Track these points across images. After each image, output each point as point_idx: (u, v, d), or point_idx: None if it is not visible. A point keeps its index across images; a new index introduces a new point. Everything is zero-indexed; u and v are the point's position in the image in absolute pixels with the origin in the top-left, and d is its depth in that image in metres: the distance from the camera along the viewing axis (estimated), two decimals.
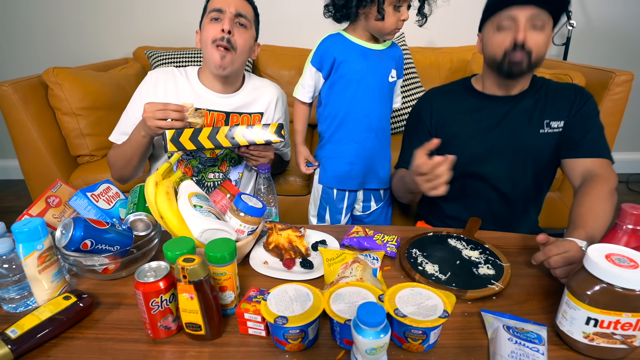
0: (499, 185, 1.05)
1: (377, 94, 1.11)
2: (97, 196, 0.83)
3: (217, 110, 1.12)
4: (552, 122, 1.00)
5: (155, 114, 0.93)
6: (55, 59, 2.33)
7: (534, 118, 1.00)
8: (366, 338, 0.48)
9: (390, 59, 1.12)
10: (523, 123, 1.01)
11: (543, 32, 0.91)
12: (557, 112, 1.00)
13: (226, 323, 0.64)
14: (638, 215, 0.63)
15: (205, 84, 1.13)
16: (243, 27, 1.05)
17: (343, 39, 1.09)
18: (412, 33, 2.14)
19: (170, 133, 0.93)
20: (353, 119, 1.13)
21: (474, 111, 1.05)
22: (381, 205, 1.27)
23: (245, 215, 0.76)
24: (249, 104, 1.16)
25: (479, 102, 1.05)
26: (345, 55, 1.07)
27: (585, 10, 2.28)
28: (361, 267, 0.68)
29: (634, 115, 2.41)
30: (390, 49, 1.13)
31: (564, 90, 1.02)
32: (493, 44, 0.95)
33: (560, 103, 1.00)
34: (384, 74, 1.11)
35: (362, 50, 1.08)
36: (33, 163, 1.58)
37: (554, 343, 0.59)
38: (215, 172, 1.16)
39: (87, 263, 0.70)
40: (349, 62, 1.07)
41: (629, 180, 2.49)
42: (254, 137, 0.96)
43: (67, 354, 0.59)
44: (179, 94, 1.11)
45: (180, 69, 1.16)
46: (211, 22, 1.03)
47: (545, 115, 1.00)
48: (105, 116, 1.66)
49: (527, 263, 0.79)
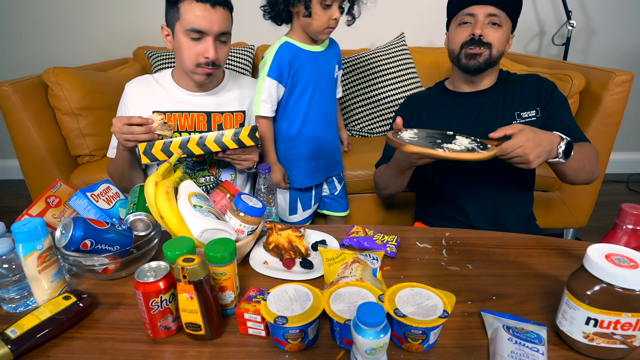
0: (484, 180, 1.07)
1: (328, 91, 1.21)
2: (97, 196, 0.83)
3: (198, 111, 1.11)
4: (523, 113, 1.04)
5: (122, 129, 0.95)
6: (55, 59, 2.33)
7: (506, 111, 1.04)
8: (366, 338, 0.48)
9: (333, 56, 1.20)
10: (496, 117, 1.04)
11: (501, 29, 0.99)
12: (525, 103, 1.04)
13: (226, 323, 0.64)
14: (638, 215, 0.63)
15: (182, 85, 1.11)
16: (224, 43, 1.03)
17: (293, 46, 1.14)
18: (412, 33, 2.14)
19: (142, 146, 0.94)
20: (313, 119, 1.20)
21: (450, 110, 1.09)
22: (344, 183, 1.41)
23: (245, 215, 0.76)
24: (229, 101, 1.15)
25: (452, 100, 1.10)
26: (298, 63, 1.13)
27: (585, 10, 2.28)
28: (361, 267, 0.68)
29: (634, 115, 2.41)
30: (330, 48, 1.21)
31: (527, 81, 1.07)
32: (454, 37, 1.03)
33: (526, 92, 1.05)
34: (331, 72, 1.20)
35: (312, 55, 1.16)
36: (33, 163, 1.58)
37: (553, 343, 0.59)
38: (205, 176, 1.16)
39: (87, 263, 0.70)
40: (303, 69, 1.14)
41: (629, 180, 2.49)
42: (226, 142, 0.97)
43: (67, 354, 0.59)
44: (156, 101, 1.10)
45: (155, 75, 1.15)
46: (191, 40, 0.98)
47: (515, 107, 1.04)
48: (105, 116, 1.66)
49: (527, 263, 0.79)
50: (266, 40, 2.19)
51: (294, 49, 1.14)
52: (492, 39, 0.98)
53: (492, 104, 1.06)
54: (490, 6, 0.97)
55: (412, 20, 2.30)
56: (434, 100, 1.14)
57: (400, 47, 1.94)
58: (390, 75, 1.87)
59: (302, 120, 1.19)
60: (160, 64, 1.96)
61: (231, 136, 0.98)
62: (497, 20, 0.98)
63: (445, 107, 1.11)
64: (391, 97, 1.86)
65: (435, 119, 1.10)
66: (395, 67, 1.89)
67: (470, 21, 1.00)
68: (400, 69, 1.89)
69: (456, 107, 1.09)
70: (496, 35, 0.98)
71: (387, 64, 1.89)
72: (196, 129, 1.12)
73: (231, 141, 0.98)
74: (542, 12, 2.29)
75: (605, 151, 1.53)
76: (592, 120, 1.49)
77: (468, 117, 1.07)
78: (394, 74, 1.88)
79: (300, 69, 1.14)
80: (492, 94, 1.06)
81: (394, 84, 1.87)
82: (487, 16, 0.98)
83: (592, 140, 1.07)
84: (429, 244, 0.87)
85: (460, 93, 1.10)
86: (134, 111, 1.11)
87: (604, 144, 1.52)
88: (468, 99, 1.08)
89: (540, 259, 0.80)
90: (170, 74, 1.14)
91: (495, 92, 1.06)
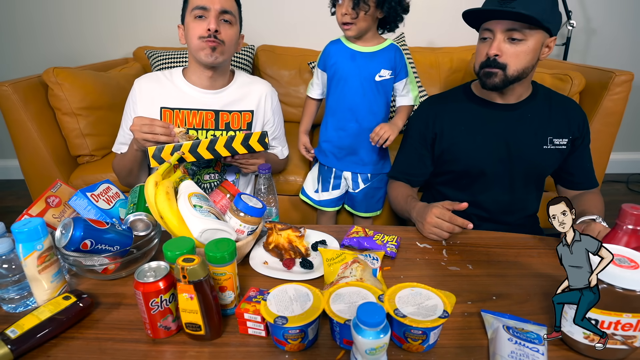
0: (499, 194, 1.06)
1: (362, 90, 1.24)
2: (97, 196, 0.83)
3: (206, 109, 1.11)
4: (555, 140, 1.01)
5: (142, 128, 0.95)
6: (55, 59, 2.33)
7: (538, 133, 1.00)
8: (366, 338, 0.48)
9: (381, 59, 1.23)
10: (526, 136, 1.00)
11: (524, 43, 0.90)
12: (560, 129, 1.00)
13: (226, 323, 0.64)
14: (638, 215, 0.63)
15: (192, 82, 1.12)
16: (228, 23, 1.05)
17: (339, 43, 1.26)
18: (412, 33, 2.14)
19: (151, 150, 0.94)
20: (340, 110, 1.29)
21: (475, 118, 1.04)
22: (368, 185, 1.39)
23: (245, 215, 0.76)
24: (238, 100, 1.15)
25: (479, 108, 1.04)
26: (336, 58, 1.24)
27: (585, 10, 2.28)
28: (361, 267, 0.68)
29: (634, 115, 2.41)
30: (383, 51, 1.23)
31: (565, 106, 1.02)
32: (477, 56, 0.99)
33: (562, 119, 1.01)
34: (371, 73, 1.23)
35: (352, 53, 1.23)
36: (33, 163, 1.58)
37: (554, 343, 0.59)
38: (210, 174, 1.16)
39: (87, 263, 0.70)
40: (339, 64, 1.24)
41: (629, 180, 2.49)
42: (236, 147, 0.98)
43: (67, 354, 0.59)
44: (164, 98, 1.10)
45: (165, 72, 1.15)
46: (195, 19, 1.02)
47: (549, 132, 1.00)
48: (105, 116, 1.66)
49: (527, 263, 0.79)
50: (266, 40, 2.19)
51: (338, 45, 1.25)
52: (507, 59, 0.91)
53: (524, 122, 1.00)
54: (507, 21, 0.89)
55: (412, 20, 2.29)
56: (456, 103, 1.08)
57: (401, 47, 1.94)
58: None
59: (332, 107, 1.31)
60: (160, 64, 1.96)
61: (241, 141, 0.98)
62: (517, 35, 0.89)
63: (466, 112, 1.05)
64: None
65: (457, 129, 1.05)
66: None
67: (489, 37, 0.94)
68: None
69: (483, 117, 1.03)
70: (515, 52, 0.91)
71: None
72: (204, 127, 1.12)
73: (241, 146, 0.98)
74: None
75: (605, 151, 1.53)
76: (592, 121, 1.49)
77: (491, 128, 1.02)
78: None
79: (336, 63, 1.24)
80: (525, 110, 1.01)
81: None
82: (504, 32, 0.90)
83: (592, 140, 1.08)
84: (429, 244, 0.87)
85: (491, 102, 1.03)
86: (142, 107, 1.11)
87: (604, 144, 1.52)
88: (499, 111, 1.02)
89: (540, 259, 0.80)
90: (182, 72, 1.14)
91: (529, 109, 1.01)
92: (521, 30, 0.89)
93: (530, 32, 0.90)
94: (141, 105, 1.11)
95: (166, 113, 1.11)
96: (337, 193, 1.42)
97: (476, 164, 1.04)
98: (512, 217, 1.09)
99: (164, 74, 1.14)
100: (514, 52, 0.91)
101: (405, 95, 1.29)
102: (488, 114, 1.03)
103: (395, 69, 1.24)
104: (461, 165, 1.06)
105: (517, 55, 0.91)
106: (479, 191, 1.07)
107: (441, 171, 1.12)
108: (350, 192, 1.42)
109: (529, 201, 1.08)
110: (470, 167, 1.05)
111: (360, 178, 1.38)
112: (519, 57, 0.91)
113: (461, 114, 1.06)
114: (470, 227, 0.82)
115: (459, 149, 1.05)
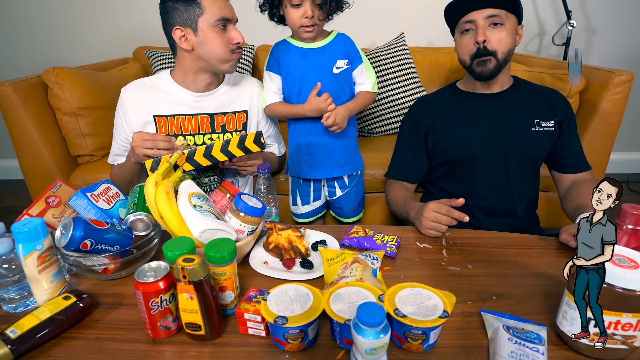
0: (495, 180, 1.08)
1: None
2: (97, 196, 0.83)
3: (201, 114, 1.10)
4: (542, 122, 1.05)
5: (144, 144, 0.95)
6: (55, 59, 2.33)
7: (525, 117, 1.05)
8: (366, 338, 0.48)
9: (334, 51, 1.19)
10: (514, 121, 1.05)
11: (504, 27, 0.98)
12: (545, 112, 1.05)
13: (226, 323, 0.64)
14: (638, 215, 0.63)
15: (186, 86, 1.09)
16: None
17: (286, 43, 1.21)
18: (412, 33, 2.14)
19: (148, 163, 0.94)
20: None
21: (463, 109, 1.09)
22: (347, 191, 1.35)
23: (245, 215, 0.76)
24: (231, 101, 1.14)
25: (466, 100, 1.10)
26: (287, 58, 1.19)
27: (585, 10, 2.28)
28: (361, 267, 0.68)
29: (634, 115, 2.41)
30: (333, 43, 1.19)
31: (550, 94, 1.08)
32: (461, 47, 1.04)
33: (546, 103, 1.06)
34: (327, 67, 1.18)
35: (302, 51, 1.18)
36: (33, 163, 1.58)
37: (554, 343, 0.59)
38: (210, 176, 1.16)
39: (87, 263, 0.70)
40: (291, 63, 1.18)
41: (629, 180, 2.49)
42: (232, 151, 0.98)
43: (67, 354, 0.59)
44: (156, 105, 1.09)
45: (151, 78, 1.13)
46: (220, 30, 1.02)
47: (535, 115, 1.05)
48: (105, 116, 1.65)
49: (527, 263, 0.79)
50: (266, 40, 2.19)
51: (286, 45, 1.20)
52: (495, 44, 0.98)
53: (510, 108, 1.06)
54: (487, 9, 0.97)
55: (412, 20, 2.30)
56: (445, 100, 1.14)
57: (400, 47, 1.94)
58: (390, 75, 1.87)
59: None
60: (160, 64, 1.96)
61: (237, 144, 0.97)
62: (498, 20, 0.97)
63: (455, 107, 1.10)
64: (391, 97, 1.86)
65: (447, 120, 1.10)
66: (395, 67, 1.89)
67: (471, 27, 1.00)
68: (400, 69, 1.89)
69: (471, 107, 1.08)
70: (499, 37, 0.98)
71: (387, 64, 1.89)
72: (200, 131, 1.11)
73: (238, 149, 0.98)
74: (542, 12, 2.29)
75: (605, 151, 1.53)
76: (592, 120, 1.49)
77: (484, 117, 1.06)
78: (394, 74, 1.88)
79: (288, 63, 1.19)
80: (510, 98, 1.06)
81: (394, 84, 1.87)
82: (486, 19, 0.97)
83: (592, 140, 1.08)
84: (429, 244, 0.87)
85: (476, 94, 1.09)
86: (134, 116, 1.08)
87: (604, 144, 1.52)
88: (484, 100, 1.08)
89: (540, 259, 0.80)
90: (169, 76, 1.11)
91: (514, 97, 1.06)
92: (500, 15, 0.97)
93: (507, 16, 0.98)
94: (133, 115, 1.08)
95: (160, 121, 1.09)
96: (318, 203, 1.38)
97: (469, 151, 1.07)
98: (511, 204, 1.09)
99: (150, 79, 1.12)
100: (498, 37, 0.98)
101: (363, 83, 1.25)
102: (475, 104, 1.08)
103: (349, 56, 1.20)
104: (455, 154, 1.09)
105: (500, 39, 0.98)
106: (475, 179, 1.09)
107: (436, 164, 1.15)
108: (330, 200, 1.39)
109: (525, 187, 1.09)
110: (463, 156, 1.08)
111: (338, 185, 1.33)
112: (503, 41, 0.99)
113: (450, 107, 1.11)
114: (467, 219, 0.84)
115: (451, 139, 1.09)
